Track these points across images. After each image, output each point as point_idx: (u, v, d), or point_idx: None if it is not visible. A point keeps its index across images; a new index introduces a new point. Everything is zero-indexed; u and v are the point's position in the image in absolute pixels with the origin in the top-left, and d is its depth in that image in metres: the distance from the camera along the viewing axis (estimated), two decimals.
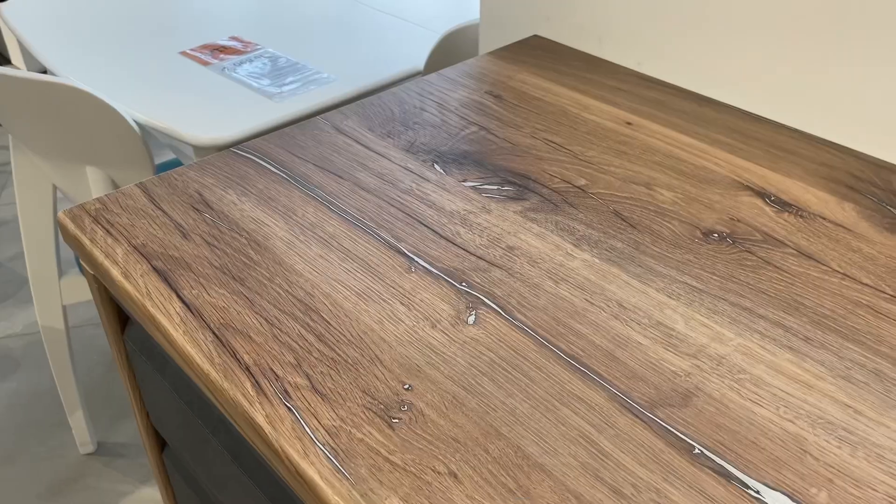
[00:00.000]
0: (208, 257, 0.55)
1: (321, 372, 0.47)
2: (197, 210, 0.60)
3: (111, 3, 1.36)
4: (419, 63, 1.11)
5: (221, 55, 1.13)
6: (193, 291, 0.52)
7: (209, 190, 0.63)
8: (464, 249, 0.57)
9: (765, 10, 0.70)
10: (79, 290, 1.24)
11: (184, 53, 1.14)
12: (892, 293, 0.53)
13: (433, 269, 0.55)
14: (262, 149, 0.69)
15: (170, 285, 0.53)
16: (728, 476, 0.41)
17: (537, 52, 0.87)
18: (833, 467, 0.41)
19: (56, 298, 1.24)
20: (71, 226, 0.59)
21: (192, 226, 0.59)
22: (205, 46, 1.16)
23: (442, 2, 1.34)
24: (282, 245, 0.57)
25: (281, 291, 0.53)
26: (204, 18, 1.29)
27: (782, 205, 0.62)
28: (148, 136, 1.03)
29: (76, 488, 1.35)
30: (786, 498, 0.40)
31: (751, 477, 0.41)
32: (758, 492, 0.40)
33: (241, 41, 1.18)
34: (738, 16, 0.72)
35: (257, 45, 1.17)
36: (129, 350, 0.64)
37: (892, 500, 0.39)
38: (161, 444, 0.72)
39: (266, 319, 0.50)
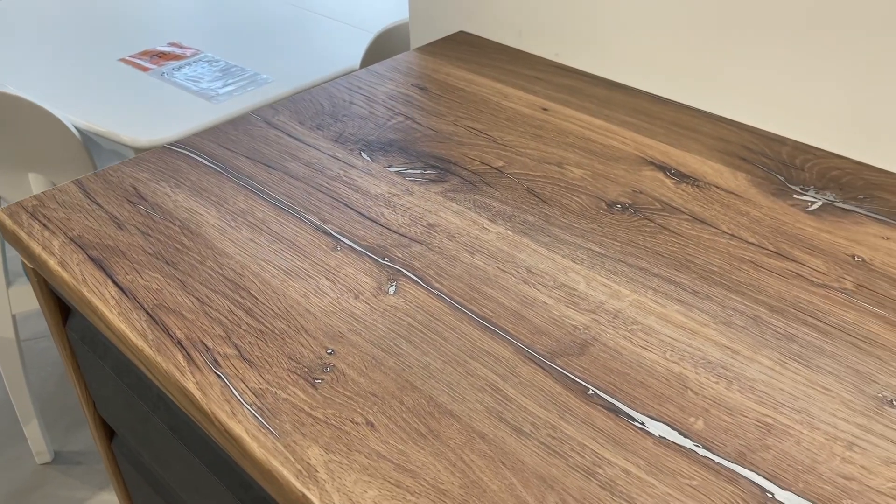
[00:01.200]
0: (142, 245, 0.58)
1: (249, 342, 0.50)
2: (132, 203, 0.63)
3: (49, 13, 1.36)
4: (355, 62, 1.14)
5: (161, 61, 1.15)
6: (128, 277, 0.55)
7: (143, 184, 0.66)
8: (387, 228, 0.61)
9: (668, 4, 0.76)
10: (27, 298, 1.25)
11: (123, 60, 1.16)
12: (773, 249, 0.58)
13: (357, 247, 0.59)
14: (196, 144, 0.72)
15: (105, 272, 0.56)
16: (617, 411, 0.45)
17: (462, 46, 0.92)
18: (710, 399, 0.46)
19: (5, 307, 1.24)
20: (8, 222, 0.61)
21: (127, 217, 0.61)
22: (144, 53, 1.18)
23: (375, 4, 1.38)
24: (213, 231, 0.60)
25: (212, 273, 0.56)
26: (143, 26, 1.31)
27: (681, 177, 0.67)
28: (92, 144, 1.05)
29: (35, 497, 1.35)
30: (667, 427, 0.44)
31: (637, 411, 0.45)
32: (642, 423, 0.45)
33: (180, 47, 1.20)
34: (645, 9, 0.78)
35: (196, 50, 1.19)
36: (71, 340, 0.66)
37: (759, 423, 0.44)
38: (109, 433, 0.75)
39: (197, 298, 0.53)
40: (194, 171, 0.68)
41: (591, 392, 0.47)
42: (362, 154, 0.70)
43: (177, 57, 1.16)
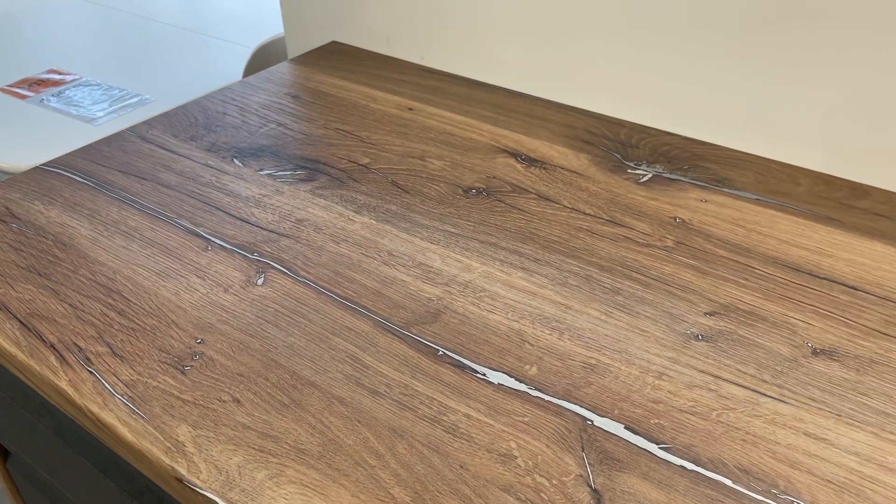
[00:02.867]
0: (15, 260, 0.60)
1: (121, 340, 0.53)
2: (3, 222, 0.65)
3: None
4: (237, 77, 1.17)
5: (40, 88, 1.15)
6: (0, 291, 0.57)
7: (16, 203, 0.67)
8: (257, 226, 0.65)
9: (519, 8, 0.83)
10: None
11: (0, 90, 1.15)
12: (607, 218, 0.65)
13: (228, 246, 0.62)
14: (69, 162, 0.73)
15: None
16: (462, 367, 0.51)
17: (334, 55, 0.96)
18: (544, 349, 0.52)
19: None
20: None
21: None
22: (22, 81, 1.17)
23: (258, 20, 1.41)
24: (86, 242, 0.62)
25: (84, 280, 0.58)
26: (20, 55, 1.29)
27: (530, 161, 0.74)
28: None
29: None
30: (505, 375, 0.50)
31: (480, 364, 0.51)
32: (484, 374, 0.50)
33: (60, 73, 1.20)
34: (501, 13, 0.84)
35: (76, 75, 1.19)
36: None
37: (585, 365, 0.51)
38: (4, 454, 0.75)
39: (70, 304, 0.56)
40: (67, 188, 0.70)
41: (440, 353, 0.52)
42: (234, 160, 0.74)
43: (56, 83, 1.16)
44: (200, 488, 0.43)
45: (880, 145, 0.67)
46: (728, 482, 0.43)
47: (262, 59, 1.13)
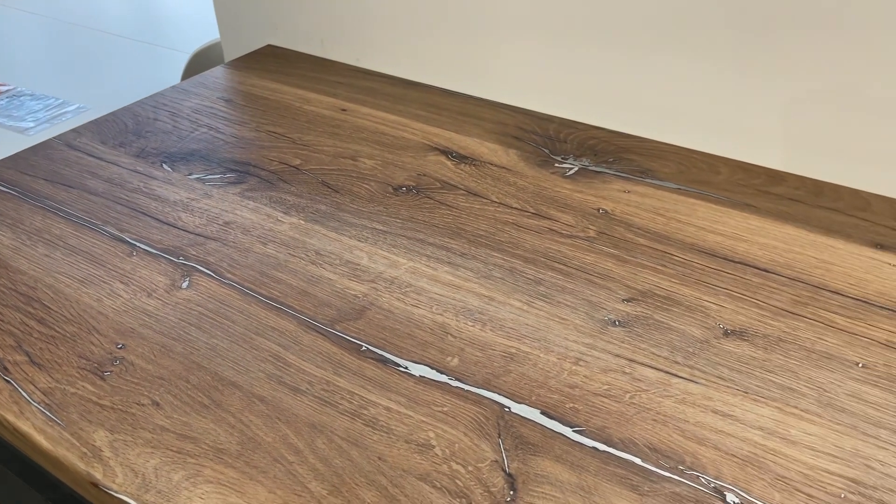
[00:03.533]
0: None
1: (40, 348, 0.52)
2: None
3: None
4: (174, 83, 1.16)
5: None
6: None
7: None
8: (184, 230, 0.64)
9: (452, 9, 0.83)
10: None
11: None
12: (533, 211, 0.66)
13: (153, 250, 0.62)
14: None
15: None
16: (385, 361, 0.51)
17: (269, 58, 0.96)
18: (466, 340, 0.53)
19: None
20: None
21: None
22: None
23: (198, 27, 1.40)
24: (7, 251, 0.61)
25: (4, 290, 0.57)
26: None
27: (461, 158, 0.75)
28: None
29: None
30: (427, 367, 0.51)
31: (402, 358, 0.51)
32: (406, 367, 0.51)
33: None
34: (433, 15, 0.85)
35: (11, 85, 1.17)
36: None
37: (505, 354, 0.52)
38: None
39: None
40: None
41: (364, 348, 0.52)
42: (163, 165, 0.73)
43: None
44: (116, 492, 0.43)
45: (796, 134, 0.70)
46: (637, 461, 0.44)
47: (200, 64, 1.12)
